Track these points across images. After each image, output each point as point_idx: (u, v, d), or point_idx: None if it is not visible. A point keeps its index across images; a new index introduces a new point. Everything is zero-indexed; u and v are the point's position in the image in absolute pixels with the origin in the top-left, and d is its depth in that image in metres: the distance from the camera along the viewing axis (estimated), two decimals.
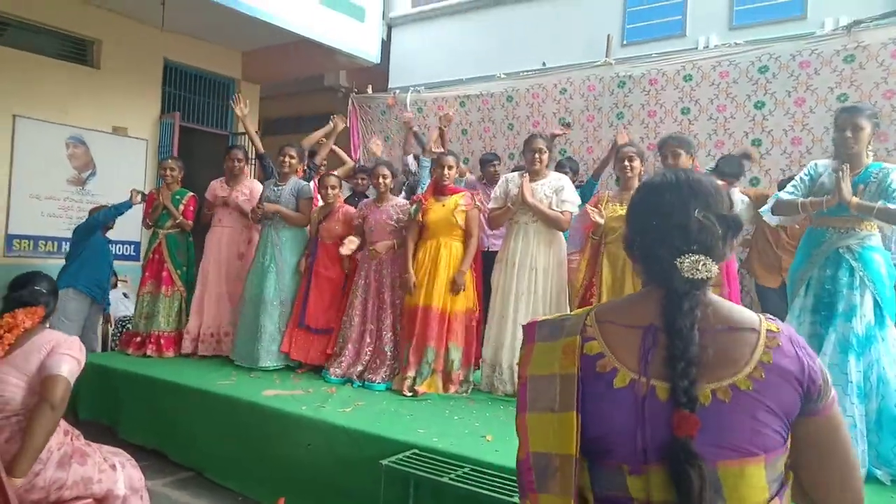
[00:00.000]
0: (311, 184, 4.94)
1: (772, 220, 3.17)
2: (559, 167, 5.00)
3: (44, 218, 6.26)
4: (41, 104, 6.20)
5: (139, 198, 5.18)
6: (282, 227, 4.68)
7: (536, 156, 4.03)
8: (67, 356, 2.25)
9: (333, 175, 4.73)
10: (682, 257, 1.03)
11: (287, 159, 4.71)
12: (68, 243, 6.41)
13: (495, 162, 5.34)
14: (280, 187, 4.70)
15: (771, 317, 1.06)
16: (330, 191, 4.55)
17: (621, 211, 3.74)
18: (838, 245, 2.89)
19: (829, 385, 1.02)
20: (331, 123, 5.55)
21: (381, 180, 4.36)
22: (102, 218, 5.22)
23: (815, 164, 3.06)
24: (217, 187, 5.10)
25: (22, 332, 2.27)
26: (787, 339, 1.01)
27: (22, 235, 6.12)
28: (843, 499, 1.03)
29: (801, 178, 3.06)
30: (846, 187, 2.78)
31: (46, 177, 6.24)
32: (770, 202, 3.13)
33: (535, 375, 1.07)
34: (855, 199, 2.79)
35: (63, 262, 6.20)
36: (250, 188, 5.04)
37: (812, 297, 2.96)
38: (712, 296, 1.07)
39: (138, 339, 4.93)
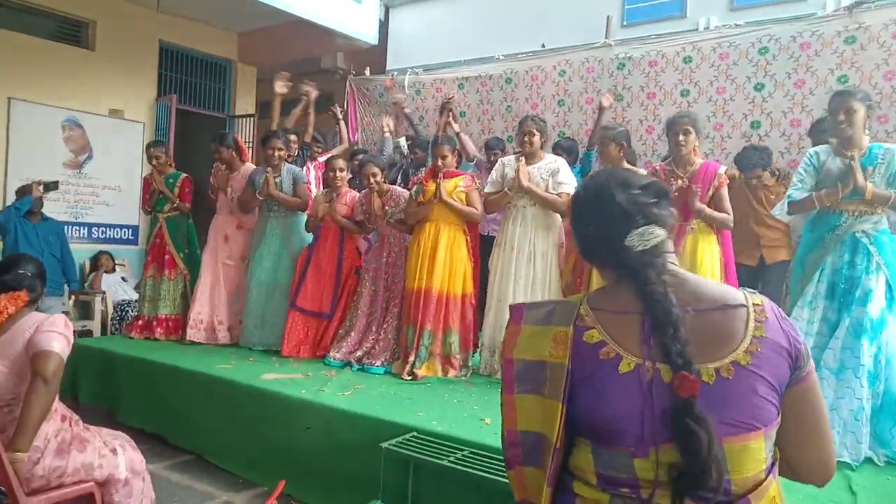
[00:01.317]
0: (307, 166, 4.91)
1: (785, 219, 3.21)
2: (555, 148, 4.99)
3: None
4: (36, 86, 6.15)
5: (41, 189, 5.12)
6: (288, 214, 4.69)
7: (526, 138, 4.02)
8: (55, 333, 2.23)
9: (340, 158, 4.71)
10: (628, 237, 1.07)
11: (275, 151, 4.69)
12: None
13: (497, 150, 5.28)
14: (276, 178, 4.68)
15: (751, 290, 1.10)
16: (338, 173, 4.53)
17: None
18: (854, 229, 2.89)
19: (808, 353, 1.07)
20: (304, 98, 5.52)
21: (372, 180, 4.30)
22: (2, 220, 5.16)
23: (816, 153, 3.05)
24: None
25: (5, 317, 2.25)
26: (771, 311, 1.06)
27: None
28: (821, 456, 1.09)
29: (804, 170, 3.05)
30: (860, 175, 2.80)
31: (43, 160, 6.21)
32: (783, 205, 3.12)
33: (523, 359, 1.10)
34: (871, 186, 2.81)
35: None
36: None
37: (826, 283, 2.95)
38: (688, 273, 1.11)
39: (141, 322, 4.95)
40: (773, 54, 4.86)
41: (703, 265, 3.39)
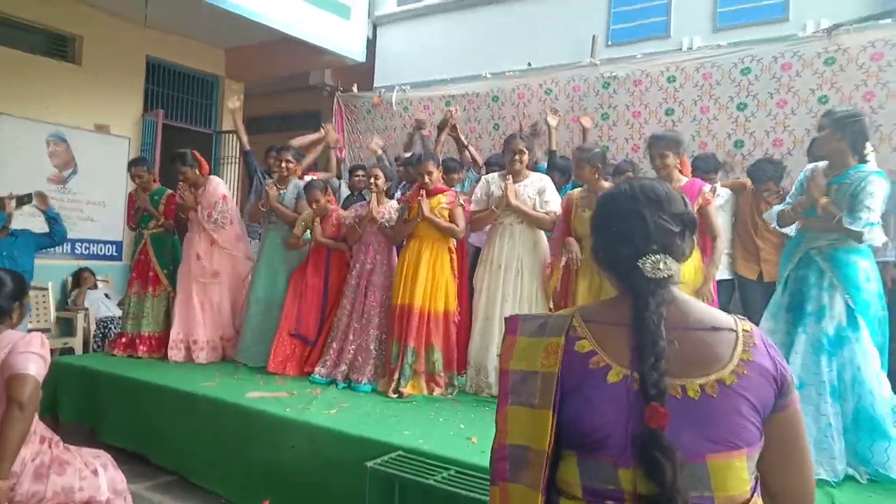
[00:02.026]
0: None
1: (776, 227, 3.22)
2: (550, 168, 5.03)
3: (24, 217, 6.12)
4: (21, 101, 6.11)
5: (13, 204, 4.97)
6: (287, 228, 4.69)
7: (516, 156, 4.04)
8: (31, 354, 2.18)
9: (316, 188, 4.62)
10: (644, 258, 1.09)
11: (285, 164, 4.74)
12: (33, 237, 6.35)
13: (494, 168, 5.31)
14: (281, 190, 4.73)
15: (741, 317, 1.13)
16: (315, 205, 4.50)
17: (587, 214, 3.76)
18: (810, 246, 2.94)
19: (793, 381, 1.09)
20: (322, 131, 5.52)
21: (374, 181, 4.35)
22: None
23: (808, 170, 3.09)
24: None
25: None
26: (759, 338, 1.09)
27: None
28: (802, 485, 1.10)
29: (796, 186, 3.12)
30: (815, 188, 2.85)
31: (27, 175, 6.14)
32: (774, 214, 3.16)
33: (517, 370, 1.12)
34: (824, 200, 2.83)
35: (42, 261, 6.16)
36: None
37: (788, 296, 3.02)
38: (681, 294, 1.12)
39: (124, 339, 4.89)
40: (756, 74, 4.95)
41: (686, 280, 3.38)
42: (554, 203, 4.06)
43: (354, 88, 7.34)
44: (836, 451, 2.70)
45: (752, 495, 1.02)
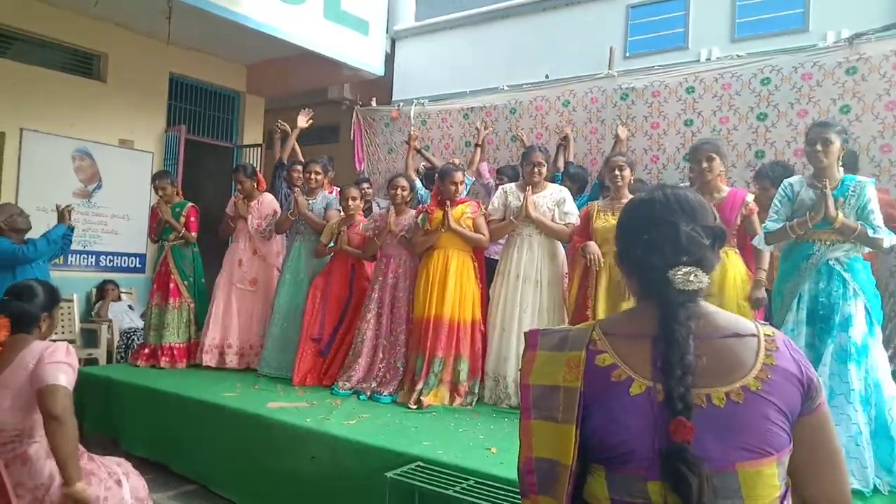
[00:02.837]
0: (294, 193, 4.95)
1: (763, 248, 3.21)
2: (562, 176, 5.06)
3: None
4: (48, 117, 6.25)
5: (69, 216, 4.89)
6: (314, 238, 4.77)
7: (535, 169, 4.06)
8: (59, 364, 2.19)
9: (353, 188, 4.77)
10: (675, 269, 1.06)
11: (313, 175, 4.85)
12: (75, 255, 6.47)
13: (506, 177, 5.36)
14: (308, 201, 4.82)
15: (763, 322, 1.12)
16: (350, 202, 4.60)
17: (613, 220, 3.77)
18: (828, 257, 2.94)
19: (821, 384, 1.07)
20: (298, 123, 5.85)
21: (398, 192, 4.39)
22: (44, 248, 4.53)
23: (790, 184, 3.11)
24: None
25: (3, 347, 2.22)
26: (783, 342, 1.07)
27: None
28: (836, 490, 1.06)
29: (779, 201, 3.10)
30: (832, 204, 2.85)
31: (53, 189, 6.27)
32: (760, 234, 3.16)
33: (538, 384, 1.11)
34: (840, 217, 2.86)
35: (67, 274, 6.28)
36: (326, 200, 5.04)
37: (805, 310, 2.99)
38: (707, 305, 1.11)
39: (147, 350, 4.97)
40: (776, 85, 4.92)
41: (731, 289, 3.36)
42: (573, 215, 4.07)
43: (373, 102, 7.42)
44: (866, 459, 2.67)
45: (781, 502, 1.01)
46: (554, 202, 4.10)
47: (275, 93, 8.22)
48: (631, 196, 3.82)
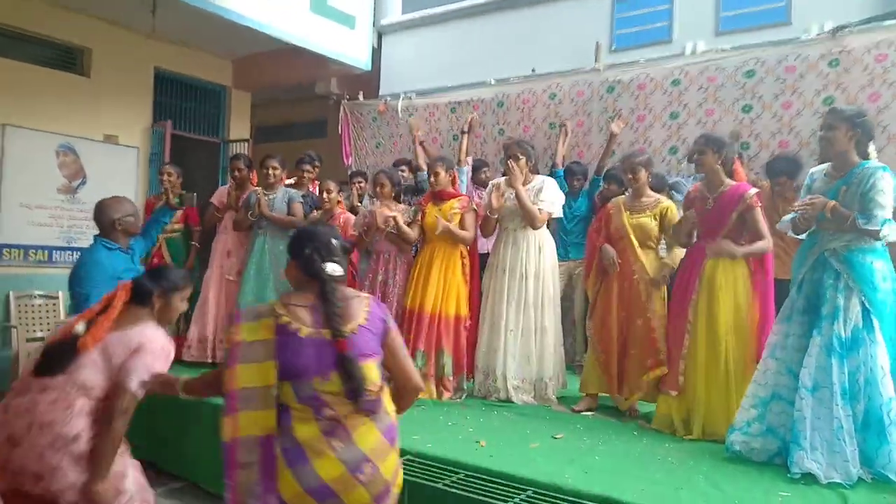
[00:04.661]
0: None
1: (790, 233, 3.14)
2: (567, 172, 5.09)
3: (34, 227, 6.22)
4: (31, 113, 6.16)
5: (193, 199, 4.88)
6: (278, 236, 4.68)
7: (510, 162, 4.07)
8: (146, 365, 2.17)
9: (330, 181, 4.75)
10: (326, 265, 1.86)
11: (271, 170, 4.78)
12: (59, 252, 6.41)
13: (485, 169, 5.41)
14: (268, 196, 4.76)
15: (366, 294, 1.96)
16: (325, 195, 4.57)
17: (635, 220, 3.81)
18: (824, 248, 2.89)
19: (390, 319, 1.92)
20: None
21: (379, 189, 4.39)
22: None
23: (811, 173, 3.07)
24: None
25: (116, 316, 2.22)
26: (373, 301, 1.92)
27: (12, 245, 6.08)
28: (407, 373, 1.93)
29: (803, 191, 3.07)
30: (816, 203, 2.82)
31: (36, 186, 6.20)
32: (787, 223, 3.10)
33: (245, 341, 1.77)
34: (831, 204, 2.80)
35: (52, 271, 6.20)
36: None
37: (803, 299, 2.98)
38: (342, 288, 1.89)
39: None
40: (760, 77, 4.95)
41: (724, 288, 3.34)
42: (548, 204, 4.07)
43: (360, 97, 7.39)
44: (848, 454, 2.68)
45: (381, 383, 1.82)
46: (534, 192, 4.10)
47: (261, 87, 8.15)
48: (652, 192, 3.86)
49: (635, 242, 3.79)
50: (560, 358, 4.16)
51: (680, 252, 3.77)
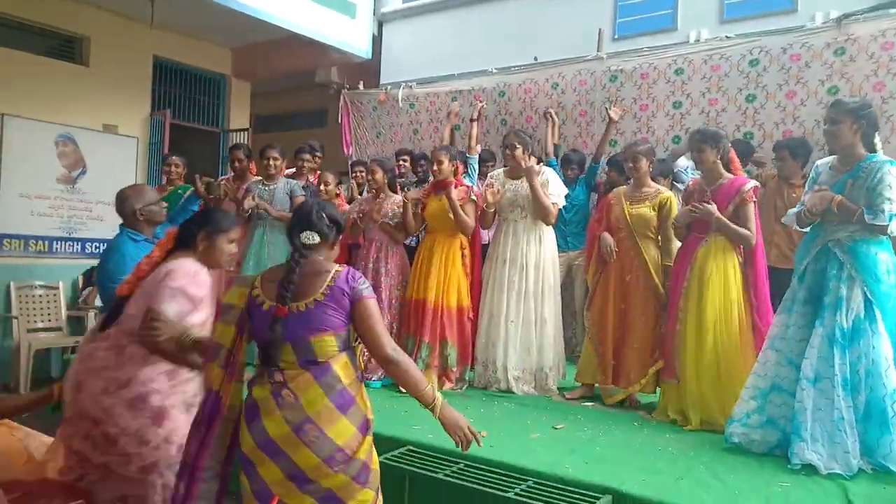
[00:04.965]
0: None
1: (795, 226, 3.12)
2: (564, 161, 5.06)
3: (34, 217, 6.21)
4: (30, 102, 6.14)
5: (203, 188, 4.73)
6: (276, 227, 4.65)
7: (508, 152, 4.05)
8: (175, 291, 2.18)
9: (328, 173, 4.74)
10: (302, 233, 1.96)
11: (272, 161, 4.72)
12: (59, 242, 6.40)
13: (490, 163, 5.37)
14: (269, 187, 4.72)
15: (342, 265, 1.98)
16: (323, 187, 4.56)
17: (635, 210, 3.80)
18: (828, 239, 2.88)
19: (365, 288, 1.93)
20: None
21: (371, 177, 4.40)
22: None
23: (816, 166, 3.05)
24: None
25: (156, 261, 2.27)
26: (344, 273, 1.93)
27: (12, 235, 6.07)
28: (374, 343, 1.92)
29: (809, 182, 3.05)
30: (821, 198, 2.80)
31: (36, 176, 6.19)
32: (792, 217, 3.09)
33: (226, 303, 1.97)
34: (838, 198, 2.78)
35: (52, 261, 6.20)
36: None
37: (805, 290, 2.97)
38: (316, 256, 1.97)
39: None
40: (764, 66, 4.91)
41: (712, 279, 3.34)
42: (557, 196, 4.08)
43: (361, 86, 7.35)
44: (849, 445, 2.68)
45: (340, 352, 1.89)
46: (539, 184, 4.07)
47: (261, 76, 8.12)
48: (652, 183, 3.85)
49: (635, 233, 3.78)
50: (560, 348, 4.16)
51: (677, 244, 3.75)
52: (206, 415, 1.90)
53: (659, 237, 3.85)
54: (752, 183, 3.46)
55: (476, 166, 5.05)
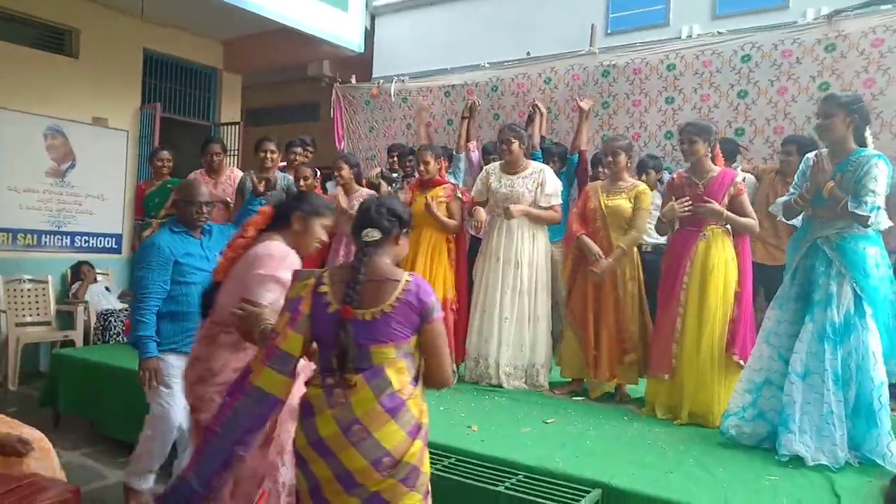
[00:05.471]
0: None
1: (781, 217, 3.16)
2: (545, 154, 5.02)
3: (22, 211, 6.16)
4: (19, 95, 6.08)
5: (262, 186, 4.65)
6: None
7: (504, 147, 4.05)
8: (265, 279, 2.12)
9: (307, 167, 4.69)
10: (363, 231, 1.86)
11: (268, 154, 4.67)
12: (48, 236, 6.35)
13: (493, 155, 5.33)
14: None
15: (412, 273, 1.89)
16: (301, 181, 4.53)
17: (611, 202, 3.82)
18: (817, 235, 2.91)
19: (436, 308, 1.83)
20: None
21: (337, 174, 4.40)
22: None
23: (807, 158, 3.07)
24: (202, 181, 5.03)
25: (245, 243, 2.24)
26: (415, 284, 1.82)
27: (0, 229, 6.02)
28: (436, 367, 1.87)
29: (797, 176, 3.08)
30: (821, 173, 2.82)
31: (25, 169, 6.14)
32: (779, 206, 3.12)
33: (292, 297, 1.86)
34: (830, 184, 2.81)
35: (41, 255, 6.15)
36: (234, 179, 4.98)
37: (797, 286, 2.99)
38: (377, 257, 1.86)
39: None
40: (756, 62, 4.92)
41: (714, 270, 3.36)
42: (555, 196, 4.09)
43: (353, 79, 7.31)
44: (837, 438, 2.71)
45: (402, 358, 1.80)
46: (534, 183, 4.08)
47: (253, 70, 8.06)
48: (629, 178, 3.89)
49: (609, 225, 3.81)
50: (550, 344, 4.16)
51: (637, 235, 3.79)
52: (261, 416, 1.83)
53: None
54: (742, 174, 3.55)
55: (462, 165, 5.04)
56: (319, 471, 1.79)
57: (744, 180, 3.50)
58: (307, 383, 1.87)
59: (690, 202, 3.42)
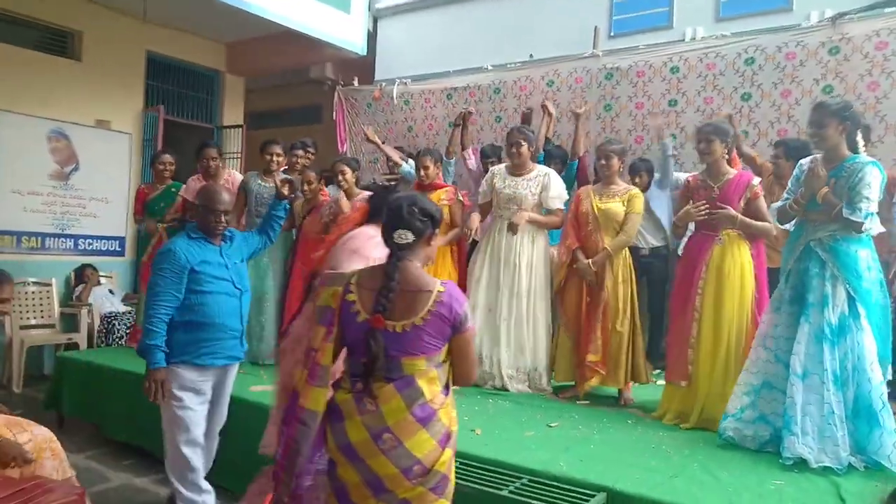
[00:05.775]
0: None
1: (777, 224, 3.20)
2: (546, 156, 5.02)
3: (26, 213, 6.17)
4: (22, 97, 6.09)
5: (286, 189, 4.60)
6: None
7: (514, 149, 4.05)
8: (350, 254, 2.29)
9: (311, 171, 4.70)
10: (395, 232, 1.82)
11: (274, 157, 4.68)
12: (52, 239, 6.36)
13: (493, 159, 5.34)
14: (268, 184, 4.65)
15: (445, 281, 1.86)
16: (306, 186, 4.52)
17: (604, 205, 3.84)
18: (810, 238, 2.94)
19: (467, 318, 1.83)
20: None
21: (341, 177, 4.36)
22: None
23: (801, 164, 3.09)
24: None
25: (346, 230, 2.42)
26: (448, 295, 1.80)
27: (4, 231, 6.03)
28: (464, 371, 1.89)
29: (791, 181, 3.10)
30: (816, 179, 2.86)
31: (28, 172, 6.15)
32: (774, 210, 3.15)
33: (321, 306, 1.86)
34: (824, 190, 2.84)
35: (44, 257, 6.16)
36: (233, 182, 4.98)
37: (791, 289, 3.01)
38: (409, 263, 1.84)
39: (140, 334, 4.88)
40: (760, 64, 4.91)
41: (731, 275, 3.33)
42: (559, 199, 4.09)
43: (355, 82, 7.31)
44: (838, 438, 2.71)
45: (434, 369, 1.80)
46: (538, 186, 4.08)
47: (255, 72, 8.08)
48: (622, 183, 3.92)
49: (601, 227, 3.82)
50: (551, 347, 4.16)
51: (625, 239, 3.81)
52: (316, 433, 1.84)
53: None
54: (758, 178, 3.51)
55: (451, 170, 5.07)
56: (347, 474, 1.79)
57: (760, 183, 3.44)
58: (335, 385, 1.86)
59: (706, 206, 3.39)
